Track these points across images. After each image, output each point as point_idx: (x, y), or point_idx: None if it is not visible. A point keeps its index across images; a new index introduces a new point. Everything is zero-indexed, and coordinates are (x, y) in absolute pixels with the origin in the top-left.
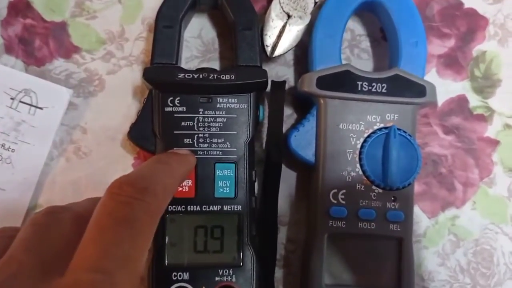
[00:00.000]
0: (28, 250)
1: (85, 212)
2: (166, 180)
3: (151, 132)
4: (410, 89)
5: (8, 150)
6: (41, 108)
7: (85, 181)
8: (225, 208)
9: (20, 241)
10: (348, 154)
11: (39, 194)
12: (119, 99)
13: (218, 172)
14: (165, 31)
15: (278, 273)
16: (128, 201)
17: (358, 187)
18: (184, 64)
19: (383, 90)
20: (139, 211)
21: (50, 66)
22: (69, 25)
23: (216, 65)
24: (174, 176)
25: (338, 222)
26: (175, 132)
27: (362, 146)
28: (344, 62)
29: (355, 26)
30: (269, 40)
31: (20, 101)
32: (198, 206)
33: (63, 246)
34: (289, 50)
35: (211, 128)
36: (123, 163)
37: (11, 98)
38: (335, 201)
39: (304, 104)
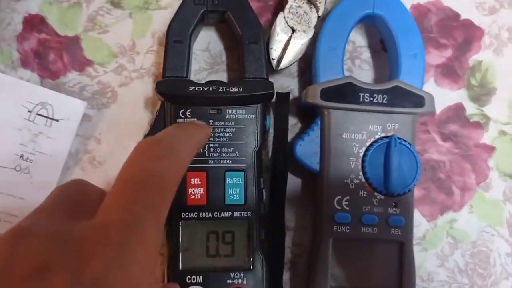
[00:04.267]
0: (56, 200)
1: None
2: (187, 144)
3: None
4: (409, 99)
5: (27, 161)
6: (57, 120)
7: None
8: (235, 214)
9: (48, 198)
10: (351, 162)
11: None
12: (131, 110)
13: (228, 180)
14: (176, 45)
15: (285, 276)
16: (156, 158)
17: (361, 194)
18: (193, 76)
19: (384, 101)
20: (166, 167)
21: (64, 79)
22: (82, 39)
23: (223, 77)
24: (193, 142)
25: (343, 227)
26: None
27: (364, 155)
28: (346, 73)
29: (356, 38)
30: (275, 54)
31: (37, 114)
32: (210, 213)
33: (87, 204)
34: (293, 63)
35: (221, 138)
36: None
37: (29, 111)
38: (339, 207)
39: (308, 114)
